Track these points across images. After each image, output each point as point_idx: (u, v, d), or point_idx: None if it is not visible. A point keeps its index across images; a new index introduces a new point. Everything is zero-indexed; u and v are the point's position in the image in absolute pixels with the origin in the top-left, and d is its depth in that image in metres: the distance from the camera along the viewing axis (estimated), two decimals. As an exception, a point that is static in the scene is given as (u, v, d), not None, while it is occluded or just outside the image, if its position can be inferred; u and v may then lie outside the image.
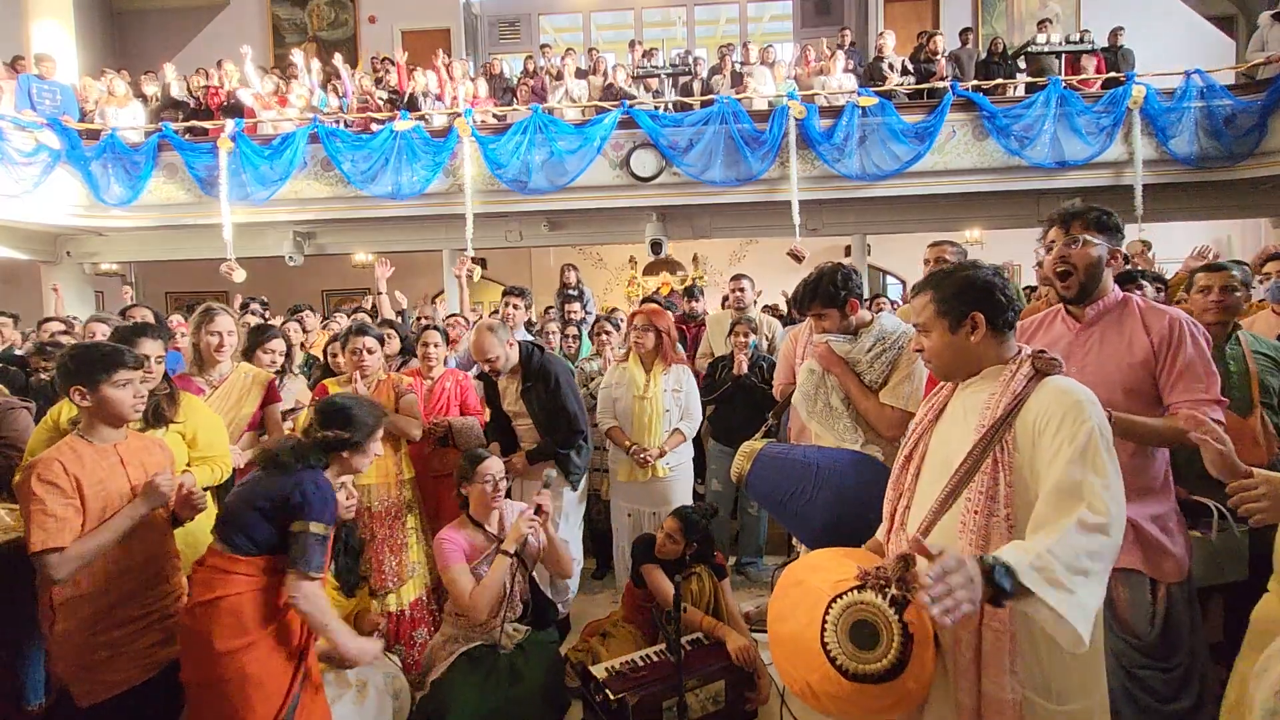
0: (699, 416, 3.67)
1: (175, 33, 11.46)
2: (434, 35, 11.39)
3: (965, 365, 1.54)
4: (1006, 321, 1.50)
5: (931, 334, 1.55)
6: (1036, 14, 10.16)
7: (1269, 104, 7.08)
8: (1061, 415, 1.35)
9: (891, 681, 1.27)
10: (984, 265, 1.58)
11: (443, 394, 3.54)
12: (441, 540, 2.63)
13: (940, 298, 1.53)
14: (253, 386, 3.02)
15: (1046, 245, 2.01)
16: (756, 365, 3.92)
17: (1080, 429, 1.33)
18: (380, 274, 5.06)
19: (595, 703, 2.55)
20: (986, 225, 8.52)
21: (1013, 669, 1.36)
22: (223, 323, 2.95)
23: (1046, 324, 2.08)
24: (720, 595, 2.96)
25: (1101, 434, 1.33)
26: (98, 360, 2.03)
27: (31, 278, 9.21)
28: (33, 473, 1.92)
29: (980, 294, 1.50)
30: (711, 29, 13.01)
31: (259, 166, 7.76)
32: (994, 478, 1.39)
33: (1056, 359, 1.44)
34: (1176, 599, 1.85)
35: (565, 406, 3.28)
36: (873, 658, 1.27)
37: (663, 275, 11.27)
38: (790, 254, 7.61)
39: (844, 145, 7.48)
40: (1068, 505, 1.28)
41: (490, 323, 3.32)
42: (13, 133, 7.35)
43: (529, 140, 7.63)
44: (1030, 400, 1.40)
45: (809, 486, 2.12)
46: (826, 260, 2.56)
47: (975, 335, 1.49)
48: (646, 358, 3.59)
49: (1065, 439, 1.33)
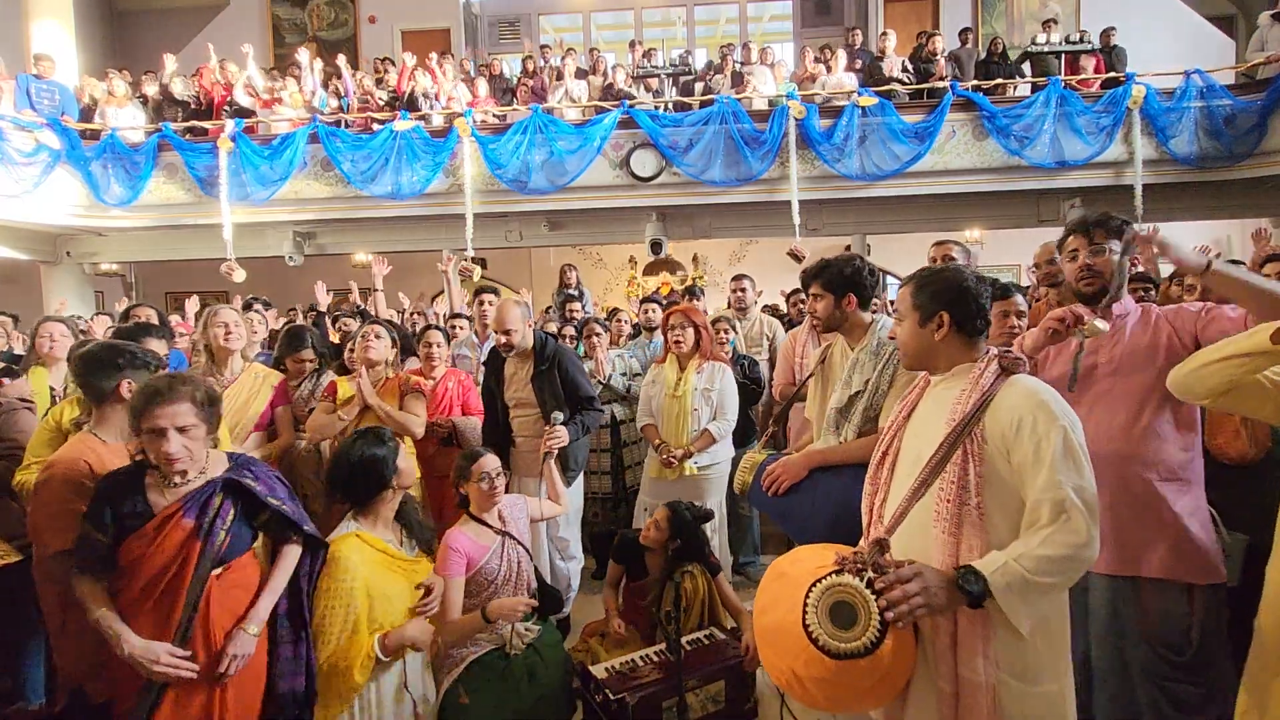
0: (734, 417, 3.64)
1: (175, 33, 11.45)
2: (434, 35, 11.39)
3: (928, 359, 1.64)
4: (975, 328, 1.59)
5: (904, 323, 1.67)
6: (1036, 14, 10.17)
7: (1269, 104, 7.08)
8: (1034, 415, 1.42)
9: (871, 657, 1.32)
10: (970, 272, 1.64)
11: (445, 394, 3.54)
12: (447, 546, 2.60)
13: (917, 291, 1.64)
14: (262, 387, 3.04)
15: (1068, 253, 2.02)
16: (738, 363, 3.96)
17: (1053, 429, 1.40)
18: (377, 271, 5.06)
19: (595, 703, 2.55)
20: (986, 225, 8.52)
21: (985, 653, 1.41)
22: (226, 315, 3.00)
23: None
24: (717, 591, 2.97)
25: (1073, 431, 1.41)
26: (119, 359, 2.11)
27: (31, 278, 9.21)
28: (56, 472, 1.94)
29: (953, 297, 1.58)
30: (711, 29, 13.02)
31: (259, 166, 7.76)
32: (964, 468, 1.46)
33: (1021, 358, 1.51)
34: (1211, 606, 1.84)
35: (580, 386, 3.33)
36: (852, 636, 1.33)
37: (663, 275, 11.26)
38: (790, 254, 7.60)
39: (844, 145, 7.48)
40: (1048, 514, 1.37)
41: (517, 298, 3.37)
42: (13, 133, 7.35)
43: (529, 140, 7.63)
44: (998, 398, 1.48)
45: (810, 498, 2.13)
46: (847, 251, 2.50)
47: (939, 334, 1.59)
48: (684, 356, 3.59)
49: (1042, 438, 1.40)
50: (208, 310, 3.04)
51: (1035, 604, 1.36)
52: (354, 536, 2.19)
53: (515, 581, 2.62)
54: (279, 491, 2.01)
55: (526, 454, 3.37)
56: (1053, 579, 1.34)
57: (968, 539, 1.43)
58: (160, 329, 2.93)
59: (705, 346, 3.61)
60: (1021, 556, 1.35)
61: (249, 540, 1.96)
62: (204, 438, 1.87)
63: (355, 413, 3.09)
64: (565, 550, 3.46)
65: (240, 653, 1.83)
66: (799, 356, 3.74)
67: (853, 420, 2.25)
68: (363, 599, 2.10)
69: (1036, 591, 1.34)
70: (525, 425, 3.38)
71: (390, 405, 3.12)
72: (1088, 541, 1.35)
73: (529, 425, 3.36)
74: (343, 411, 3.08)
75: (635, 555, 3.06)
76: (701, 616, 2.92)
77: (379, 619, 2.14)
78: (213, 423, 1.90)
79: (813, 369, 2.54)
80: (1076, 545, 1.34)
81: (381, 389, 3.19)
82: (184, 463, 1.81)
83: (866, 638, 1.32)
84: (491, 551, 2.61)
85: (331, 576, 2.09)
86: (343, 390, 3.17)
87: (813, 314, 2.41)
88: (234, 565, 1.91)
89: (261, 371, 3.11)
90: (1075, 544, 1.34)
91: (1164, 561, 1.83)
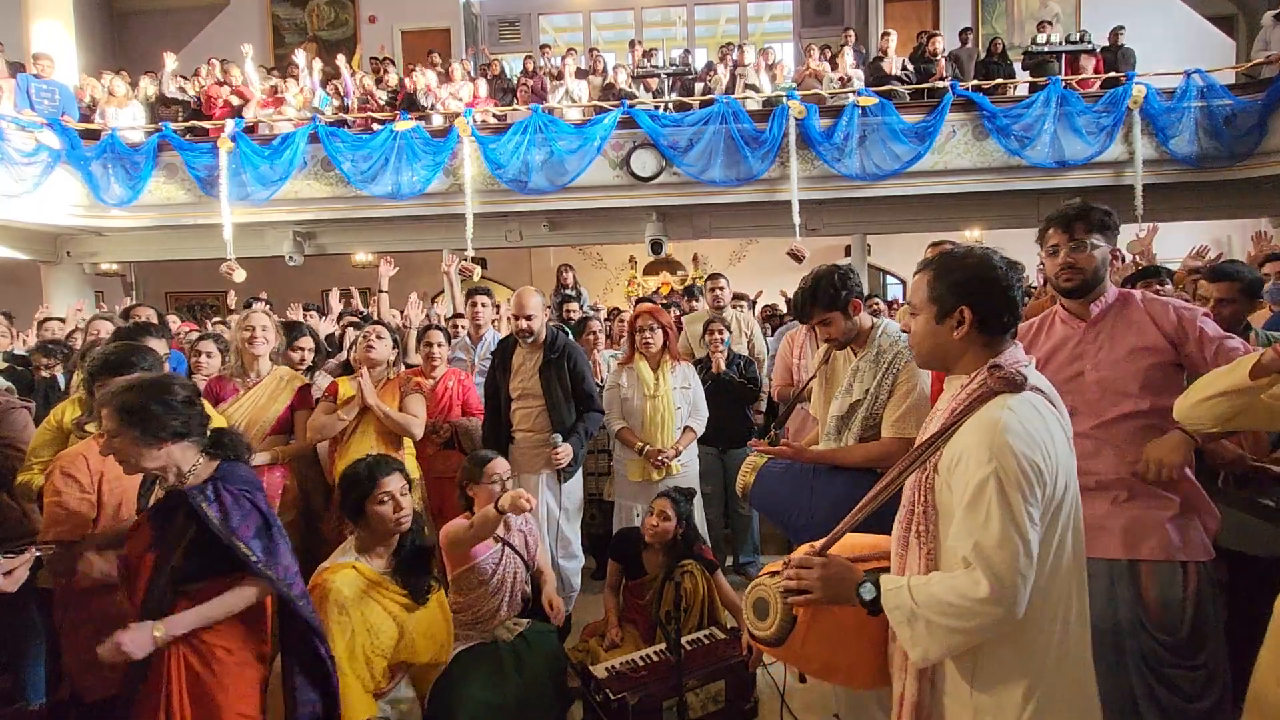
0: (706, 412, 3.68)
1: (175, 33, 11.46)
2: (434, 35, 11.40)
3: (944, 358, 1.45)
4: (1000, 324, 1.37)
5: (919, 318, 1.46)
6: (1036, 14, 10.16)
7: (1269, 104, 7.08)
8: (971, 453, 1.27)
9: (783, 646, 1.45)
10: (999, 256, 1.42)
11: (445, 393, 3.53)
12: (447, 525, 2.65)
13: (936, 280, 1.42)
14: (284, 389, 3.06)
15: (1049, 247, 1.97)
16: (733, 363, 3.97)
17: (980, 471, 1.25)
18: (384, 272, 5.05)
19: (595, 703, 2.55)
20: (986, 225, 8.52)
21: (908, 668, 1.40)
22: (255, 319, 3.03)
23: (1046, 328, 2.05)
24: (716, 588, 2.97)
25: (1004, 478, 1.23)
26: (130, 363, 2.13)
27: (32, 278, 9.21)
28: (57, 466, 1.98)
29: (978, 288, 1.37)
30: (711, 29, 13.02)
31: (259, 166, 7.76)
32: (914, 495, 1.40)
33: (1016, 379, 1.32)
34: (1204, 587, 1.83)
35: (586, 379, 3.41)
36: (764, 626, 1.48)
37: (663, 275, 11.27)
38: (790, 254, 7.61)
39: (844, 145, 7.48)
40: (960, 562, 1.27)
41: (535, 288, 3.47)
42: (13, 133, 7.35)
43: (529, 140, 7.63)
44: (968, 423, 1.31)
45: (806, 499, 2.13)
46: (822, 263, 2.45)
47: (959, 331, 1.38)
48: (653, 357, 3.59)
49: (969, 480, 1.27)
50: (243, 309, 3.06)
51: (936, 639, 1.27)
52: (350, 568, 2.15)
53: (508, 593, 2.63)
54: (249, 522, 1.78)
55: (526, 450, 3.37)
56: (947, 620, 1.25)
57: (911, 563, 1.38)
58: (159, 328, 2.94)
59: (673, 347, 3.62)
60: (917, 588, 1.29)
61: (225, 565, 1.77)
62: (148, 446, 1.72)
63: (355, 413, 3.09)
64: (568, 549, 3.46)
65: (125, 643, 1.62)
66: (797, 358, 3.75)
67: (852, 428, 2.28)
68: (360, 633, 2.07)
69: (924, 626, 1.27)
70: (527, 418, 3.38)
71: (390, 405, 3.12)
72: (989, 598, 1.21)
73: (531, 419, 3.37)
74: (343, 412, 3.08)
75: (634, 553, 3.06)
76: (701, 616, 2.92)
77: (378, 644, 2.12)
78: (149, 431, 1.72)
79: (815, 370, 2.54)
80: (972, 598, 1.23)
81: (382, 389, 3.18)
82: (127, 465, 1.74)
83: (774, 629, 1.46)
84: (489, 554, 2.62)
85: (325, 613, 2.02)
86: (343, 390, 3.17)
87: (829, 340, 2.36)
88: (208, 588, 1.76)
89: (286, 374, 3.14)
90: (971, 596, 1.23)
91: (1161, 542, 1.83)
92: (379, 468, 2.25)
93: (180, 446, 1.76)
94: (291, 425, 3.09)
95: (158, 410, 1.73)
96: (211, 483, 1.78)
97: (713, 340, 4.01)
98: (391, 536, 2.25)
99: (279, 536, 1.83)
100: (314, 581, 2.11)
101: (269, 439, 2.99)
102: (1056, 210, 1.99)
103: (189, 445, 1.79)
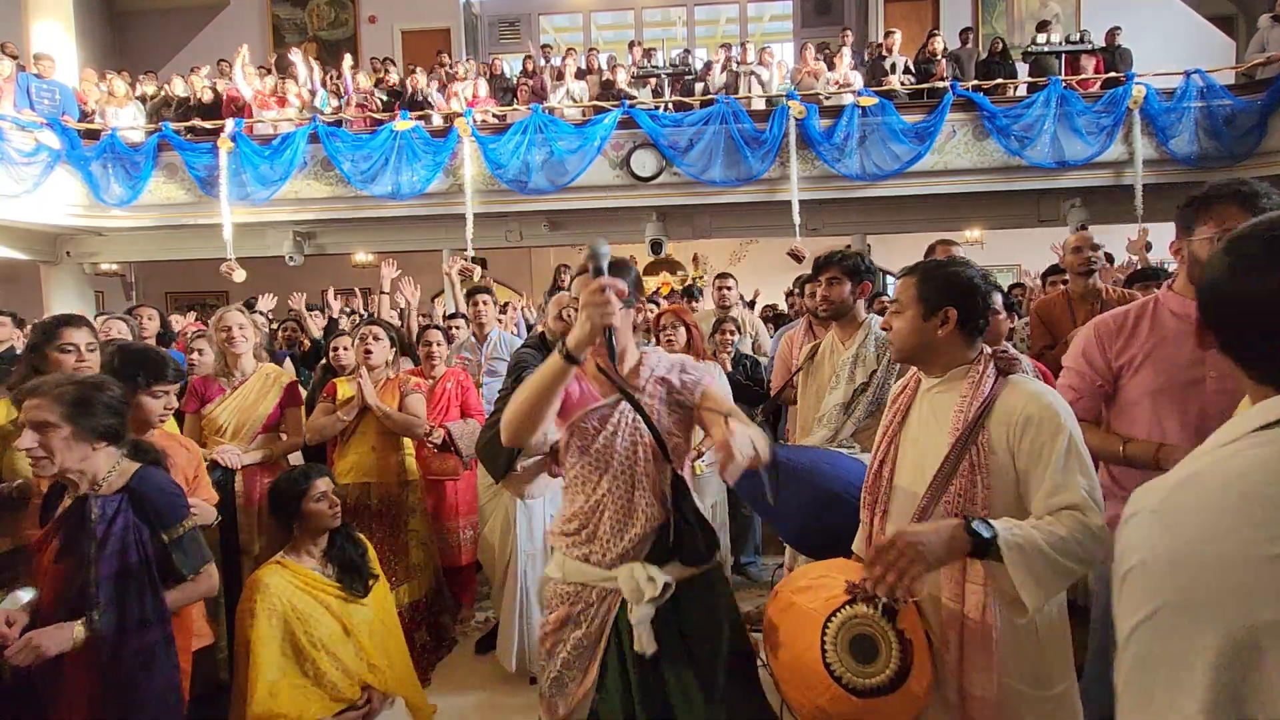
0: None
1: (175, 33, 11.46)
2: (434, 35, 11.40)
3: (925, 355, 1.57)
4: (977, 327, 1.54)
5: (904, 315, 1.58)
6: (1036, 14, 10.16)
7: (1269, 104, 7.08)
8: (1040, 417, 1.39)
9: (900, 690, 1.28)
10: (976, 270, 1.60)
11: (444, 394, 3.53)
12: None
13: (922, 283, 1.56)
14: (272, 386, 3.05)
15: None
16: (740, 363, 3.97)
17: (1060, 433, 1.37)
18: (385, 273, 5.05)
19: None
20: (986, 225, 8.52)
21: (989, 666, 1.38)
22: (230, 319, 3.01)
23: (1149, 317, 1.79)
24: None
25: (1076, 433, 1.40)
26: (142, 366, 2.15)
27: (32, 278, 9.22)
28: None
29: (961, 292, 1.52)
30: (711, 29, 13.01)
31: (259, 166, 7.76)
32: (971, 481, 1.42)
33: (1018, 358, 1.49)
34: None
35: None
36: (876, 670, 1.28)
37: (663, 275, 11.27)
38: (790, 254, 7.61)
39: (844, 145, 7.48)
40: (1063, 501, 1.35)
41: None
42: (13, 133, 7.35)
43: (529, 140, 7.64)
44: (999, 401, 1.44)
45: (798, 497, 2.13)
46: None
47: (944, 330, 1.52)
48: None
49: (1047, 442, 1.37)
50: (216, 315, 3.06)
51: (1041, 581, 1.26)
52: (275, 563, 2.32)
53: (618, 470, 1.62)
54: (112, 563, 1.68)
55: None
56: (1062, 559, 1.27)
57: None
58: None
59: (697, 345, 3.60)
60: (1037, 526, 1.30)
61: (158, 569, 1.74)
62: (79, 443, 1.67)
63: (355, 413, 3.09)
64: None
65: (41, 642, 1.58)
66: (796, 358, 3.75)
67: (854, 414, 2.36)
68: (292, 619, 2.18)
69: (1043, 563, 1.26)
70: None
71: (390, 406, 3.12)
72: (1100, 535, 1.30)
73: None
74: (342, 412, 3.08)
75: None
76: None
77: (314, 633, 2.20)
78: (86, 427, 1.67)
79: (800, 364, 2.56)
80: (1090, 534, 1.29)
81: (382, 389, 3.18)
82: (43, 465, 1.65)
83: (891, 669, 1.27)
84: (600, 408, 1.66)
85: (250, 600, 2.18)
86: (342, 391, 3.17)
87: (825, 299, 2.47)
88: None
89: (273, 372, 3.12)
90: (1090, 533, 1.30)
91: None
92: (310, 471, 2.42)
93: (106, 451, 1.74)
94: (281, 423, 3.07)
95: (98, 407, 1.71)
96: (122, 496, 1.73)
97: (723, 340, 3.94)
98: (322, 534, 2.38)
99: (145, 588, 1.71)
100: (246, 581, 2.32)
101: (260, 437, 2.98)
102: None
103: (112, 451, 1.76)
